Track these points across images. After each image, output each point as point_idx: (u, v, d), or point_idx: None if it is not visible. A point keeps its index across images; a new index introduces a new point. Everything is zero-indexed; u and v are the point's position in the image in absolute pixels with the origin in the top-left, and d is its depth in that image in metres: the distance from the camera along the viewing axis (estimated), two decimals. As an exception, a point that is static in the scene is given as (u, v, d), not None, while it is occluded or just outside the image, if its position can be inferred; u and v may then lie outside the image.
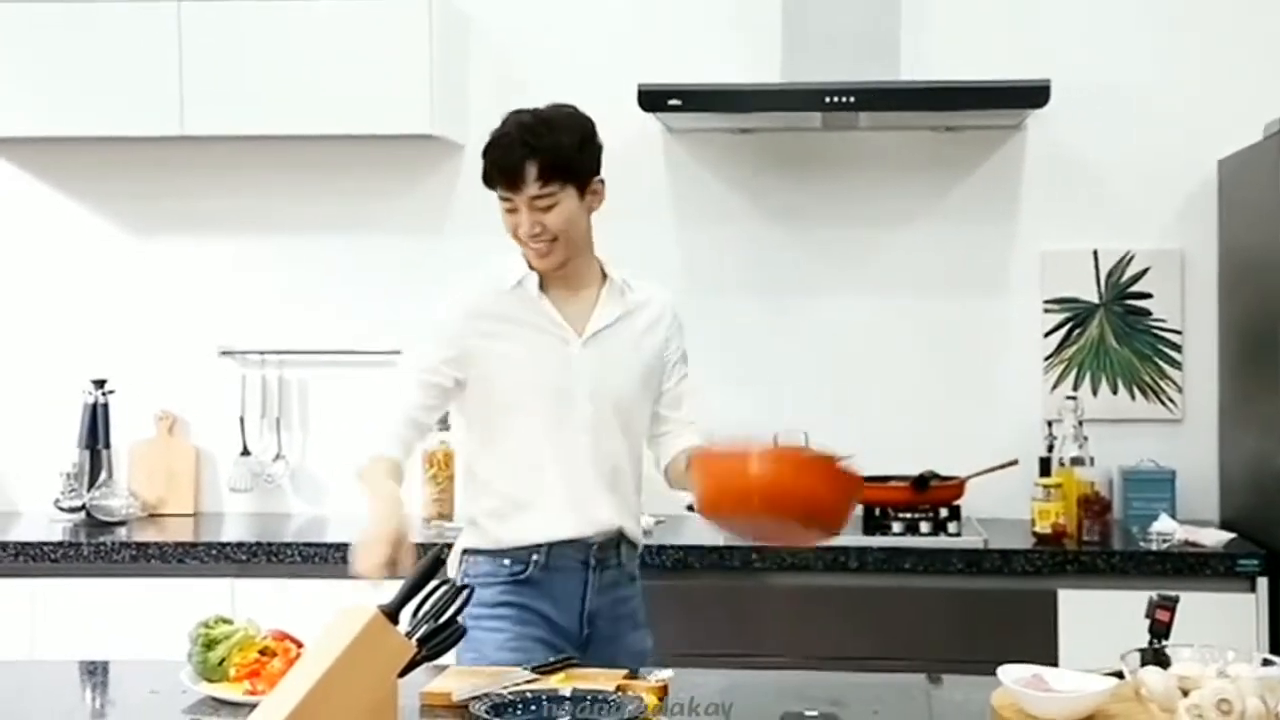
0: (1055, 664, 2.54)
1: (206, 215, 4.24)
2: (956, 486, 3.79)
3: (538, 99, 4.13)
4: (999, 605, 3.50)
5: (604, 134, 2.78)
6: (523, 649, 2.62)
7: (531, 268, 2.72)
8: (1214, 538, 3.59)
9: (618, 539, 2.73)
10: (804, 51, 3.80)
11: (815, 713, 2.00)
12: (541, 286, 2.72)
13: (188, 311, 4.25)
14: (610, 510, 2.73)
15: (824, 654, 2.85)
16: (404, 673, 2.04)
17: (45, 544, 3.74)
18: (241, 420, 4.20)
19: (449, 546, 3.29)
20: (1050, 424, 3.89)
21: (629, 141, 4.00)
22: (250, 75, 3.85)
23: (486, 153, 2.68)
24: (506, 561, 2.69)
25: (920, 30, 3.94)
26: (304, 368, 4.23)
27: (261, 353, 4.21)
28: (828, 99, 3.63)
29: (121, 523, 4.00)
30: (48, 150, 4.22)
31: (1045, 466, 3.79)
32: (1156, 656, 2.12)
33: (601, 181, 2.73)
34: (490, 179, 2.67)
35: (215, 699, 2.25)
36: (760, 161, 4.07)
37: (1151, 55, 4.00)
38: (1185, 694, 1.96)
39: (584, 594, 2.69)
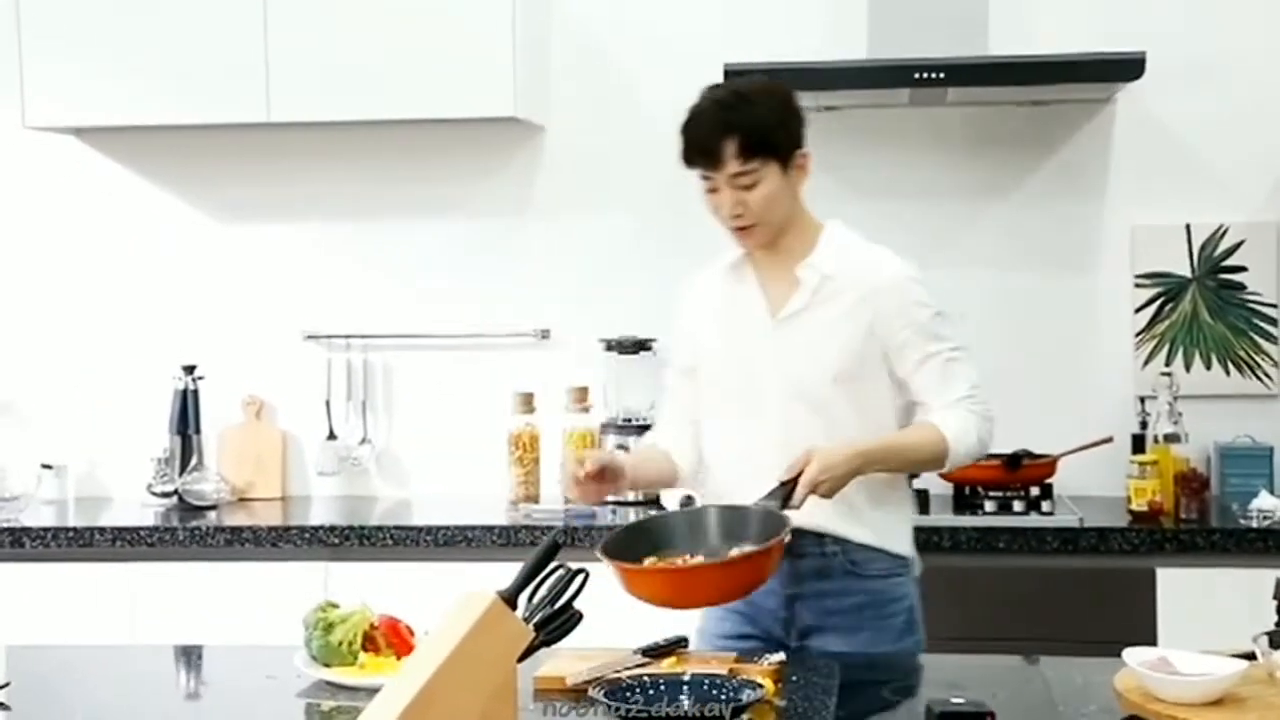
0: (1154, 643, 2.51)
1: (292, 201, 4.26)
2: (1049, 465, 3.75)
3: (621, 81, 4.19)
4: (1095, 584, 3.46)
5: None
6: (726, 622, 2.62)
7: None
8: (1316, 515, 3.53)
9: (818, 532, 2.56)
10: (891, 26, 3.75)
11: (962, 699, 1.97)
12: (755, 264, 2.64)
13: (274, 296, 4.27)
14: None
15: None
16: (521, 658, 2.04)
17: (140, 529, 3.78)
18: (327, 404, 4.22)
19: (564, 531, 3.23)
20: (1143, 400, 3.84)
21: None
22: (335, 61, 3.86)
23: (683, 131, 2.55)
24: None
25: (1009, 2, 3.88)
26: (388, 351, 4.24)
27: (346, 337, 4.23)
28: (916, 75, 3.59)
29: (212, 507, 4.03)
30: (136, 139, 4.25)
31: (1139, 444, 3.74)
32: (1287, 638, 2.08)
33: (805, 154, 2.60)
34: (689, 158, 2.55)
35: (331, 683, 2.27)
36: (846, 138, 4.02)
37: (1245, 24, 3.92)
38: (1317, 676, 1.92)
39: (782, 579, 2.55)
